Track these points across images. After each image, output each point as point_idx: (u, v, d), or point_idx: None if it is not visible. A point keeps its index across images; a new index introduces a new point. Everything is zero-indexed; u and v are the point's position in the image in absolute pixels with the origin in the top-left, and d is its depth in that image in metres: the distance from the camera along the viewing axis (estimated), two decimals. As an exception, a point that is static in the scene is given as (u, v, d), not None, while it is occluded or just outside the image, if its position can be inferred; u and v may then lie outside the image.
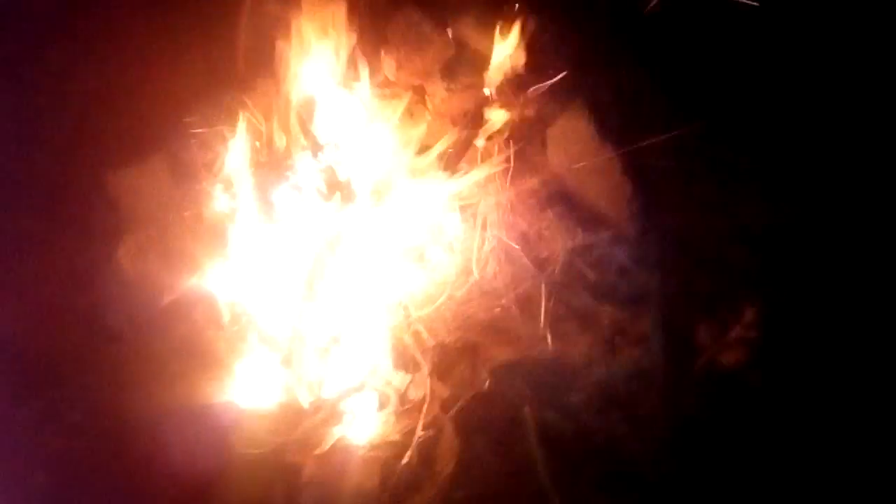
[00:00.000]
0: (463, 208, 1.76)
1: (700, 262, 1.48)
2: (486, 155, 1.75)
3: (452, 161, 1.78)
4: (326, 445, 1.50)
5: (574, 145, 1.64)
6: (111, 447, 1.58)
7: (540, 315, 1.57)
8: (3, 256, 1.75)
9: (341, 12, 1.60)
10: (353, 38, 1.64)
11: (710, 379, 1.41)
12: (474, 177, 1.73)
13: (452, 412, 1.45)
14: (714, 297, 1.46)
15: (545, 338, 1.52)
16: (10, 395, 1.67)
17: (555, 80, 1.63)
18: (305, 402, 1.61)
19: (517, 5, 1.58)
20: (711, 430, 1.38)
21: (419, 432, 1.48)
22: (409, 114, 1.73)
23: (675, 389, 1.40)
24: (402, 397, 1.63)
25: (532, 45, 1.62)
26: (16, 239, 1.76)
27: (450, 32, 1.68)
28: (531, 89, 1.69)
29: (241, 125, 1.73)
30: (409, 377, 1.65)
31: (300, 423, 1.58)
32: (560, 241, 1.62)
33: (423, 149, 1.73)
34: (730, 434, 1.37)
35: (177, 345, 1.63)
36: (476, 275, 1.66)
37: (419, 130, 1.77)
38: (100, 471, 1.54)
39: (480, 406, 1.43)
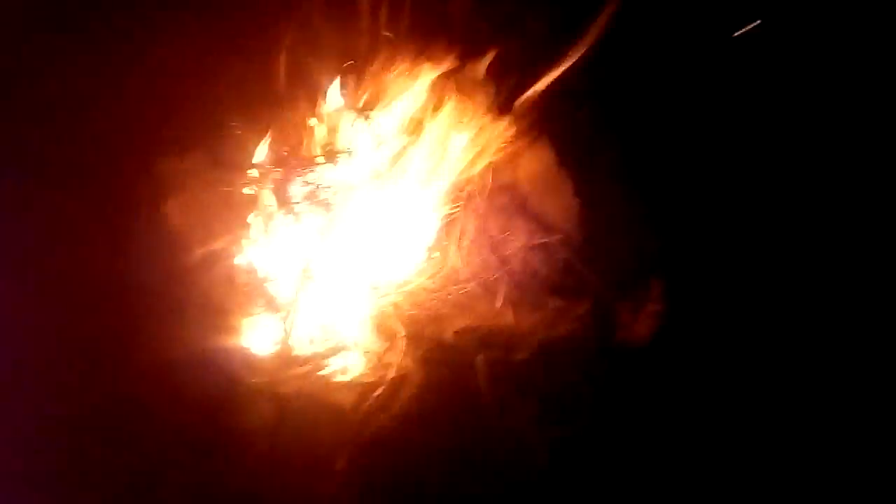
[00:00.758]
0: (445, 216, 2.16)
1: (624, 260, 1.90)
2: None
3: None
4: (314, 381, 1.83)
5: (537, 169, 2.07)
6: (134, 375, 1.88)
7: (498, 297, 1.95)
8: (56, 218, 2.09)
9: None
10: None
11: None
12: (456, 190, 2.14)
13: (419, 356, 1.80)
14: (633, 288, 1.86)
15: (501, 312, 1.89)
16: (43, 328, 1.97)
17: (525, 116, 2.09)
18: (298, 352, 1.95)
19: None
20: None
21: (391, 375, 1.81)
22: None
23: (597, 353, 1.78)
24: (380, 358, 1.97)
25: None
26: (63, 205, 2.09)
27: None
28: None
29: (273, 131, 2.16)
30: (386, 343, 2.00)
31: (293, 368, 1.92)
32: (519, 242, 2.02)
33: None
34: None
35: (198, 296, 1.97)
36: (451, 265, 2.05)
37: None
38: (125, 394, 1.83)
39: (444, 354, 1.78)
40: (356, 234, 2.09)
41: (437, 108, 2.16)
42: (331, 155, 2.14)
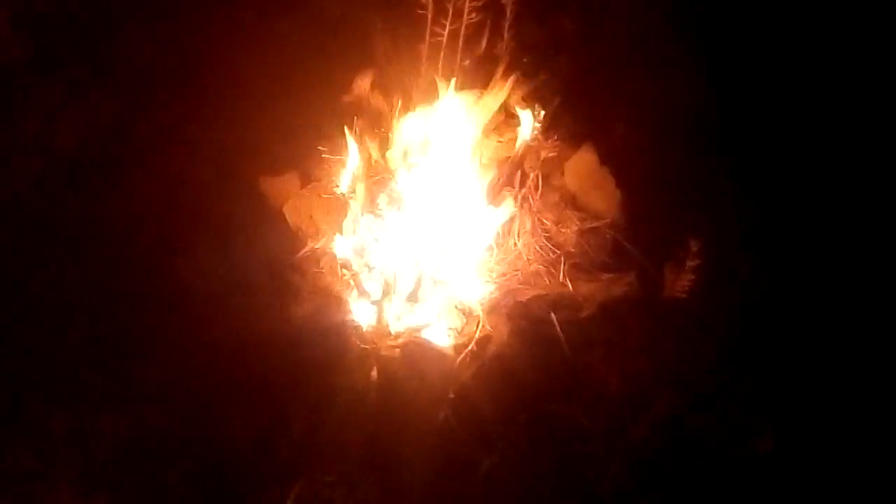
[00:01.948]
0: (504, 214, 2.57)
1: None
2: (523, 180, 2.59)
3: (496, 190, 2.62)
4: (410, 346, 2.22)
5: (581, 170, 2.51)
6: (259, 350, 2.26)
7: (559, 273, 2.36)
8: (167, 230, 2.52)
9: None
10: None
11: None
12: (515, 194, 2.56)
13: (499, 318, 2.19)
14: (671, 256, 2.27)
15: (563, 284, 2.30)
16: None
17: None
18: (392, 327, 2.33)
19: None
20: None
21: (476, 336, 2.21)
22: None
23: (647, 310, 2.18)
24: (461, 330, 2.36)
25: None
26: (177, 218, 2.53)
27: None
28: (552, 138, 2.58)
29: (357, 151, 2.60)
30: (464, 319, 2.39)
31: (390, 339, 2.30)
32: (571, 230, 2.44)
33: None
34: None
35: (309, 283, 2.38)
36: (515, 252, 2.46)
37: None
38: (255, 361, 2.22)
39: (519, 313, 2.18)
40: (431, 230, 2.49)
41: (493, 125, 2.62)
42: (408, 166, 2.57)
